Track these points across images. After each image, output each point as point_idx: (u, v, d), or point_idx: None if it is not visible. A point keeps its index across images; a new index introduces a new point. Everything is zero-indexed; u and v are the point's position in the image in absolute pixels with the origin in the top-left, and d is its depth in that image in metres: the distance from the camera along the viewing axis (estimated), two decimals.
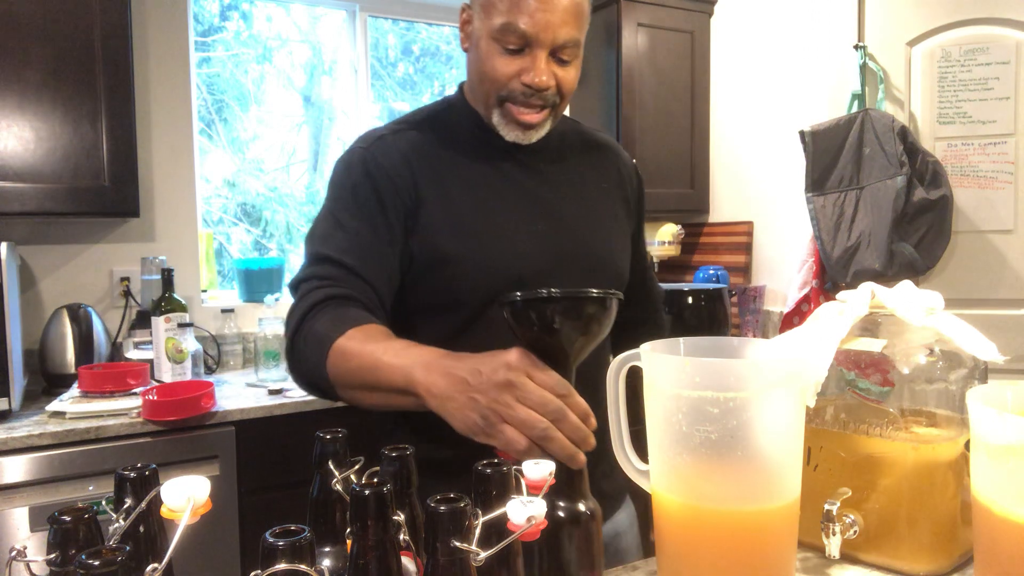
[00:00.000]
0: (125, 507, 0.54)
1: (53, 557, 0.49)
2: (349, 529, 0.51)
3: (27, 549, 0.50)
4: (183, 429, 1.82)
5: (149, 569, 0.47)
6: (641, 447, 0.79)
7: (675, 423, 0.69)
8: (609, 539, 1.15)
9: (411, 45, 3.18)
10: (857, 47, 2.37)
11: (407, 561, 0.59)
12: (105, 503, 1.66)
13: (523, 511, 0.53)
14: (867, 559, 0.85)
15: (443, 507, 0.49)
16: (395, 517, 0.52)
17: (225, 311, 2.49)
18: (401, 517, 0.55)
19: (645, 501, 1.21)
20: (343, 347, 0.89)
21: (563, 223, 1.10)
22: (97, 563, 0.42)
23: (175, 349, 2.06)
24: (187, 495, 0.51)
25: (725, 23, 2.93)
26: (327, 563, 0.64)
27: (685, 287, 2.58)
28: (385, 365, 0.84)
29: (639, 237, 1.28)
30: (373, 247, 1.02)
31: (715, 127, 2.99)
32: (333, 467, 0.65)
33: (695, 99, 2.94)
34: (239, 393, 2.08)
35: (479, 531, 0.52)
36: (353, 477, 0.64)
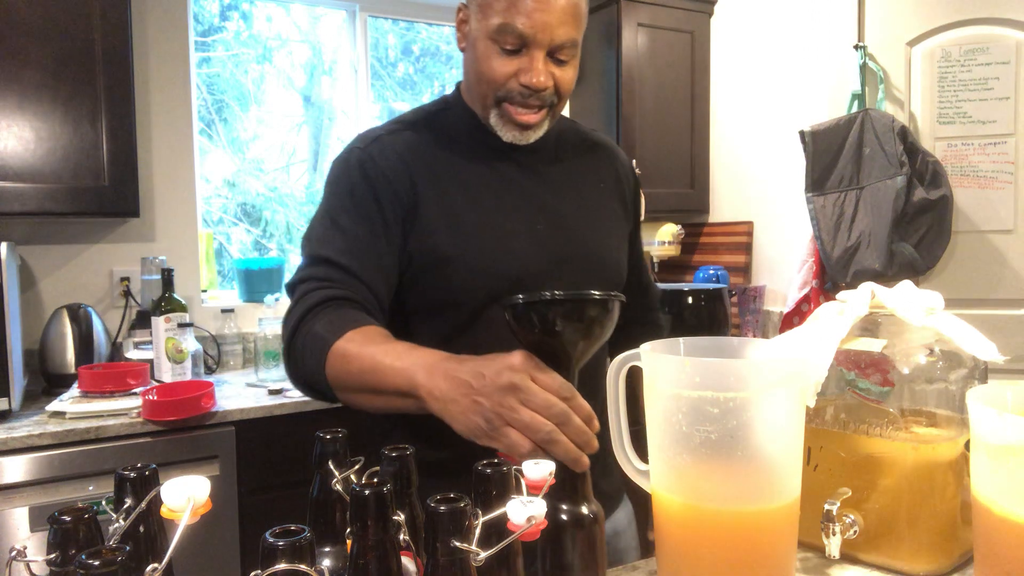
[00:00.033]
0: (125, 507, 0.54)
1: (53, 557, 0.49)
2: (349, 529, 0.51)
3: (27, 549, 0.50)
4: (183, 429, 1.82)
5: (149, 569, 0.47)
6: (641, 447, 0.79)
7: (675, 423, 0.69)
8: (608, 538, 1.15)
9: (411, 45, 3.18)
10: (857, 47, 2.37)
11: (407, 561, 0.59)
12: (105, 503, 1.66)
13: (523, 511, 0.53)
14: (867, 559, 0.85)
15: (443, 507, 0.49)
16: (395, 517, 0.52)
17: (225, 311, 2.49)
18: (401, 517, 0.55)
19: (643, 500, 1.22)
20: (342, 349, 0.89)
21: (561, 223, 1.10)
22: (97, 563, 0.42)
23: (175, 349, 2.06)
24: (187, 495, 0.51)
25: (725, 23, 2.93)
26: (327, 563, 0.64)
27: (685, 287, 2.58)
28: (386, 368, 0.84)
29: (636, 236, 1.28)
30: (371, 248, 1.02)
31: (715, 127, 2.99)
32: (333, 467, 0.65)
33: (695, 99, 2.94)
34: (239, 393, 2.08)
35: (479, 531, 0.52)
36: (353, 477, 0.64)
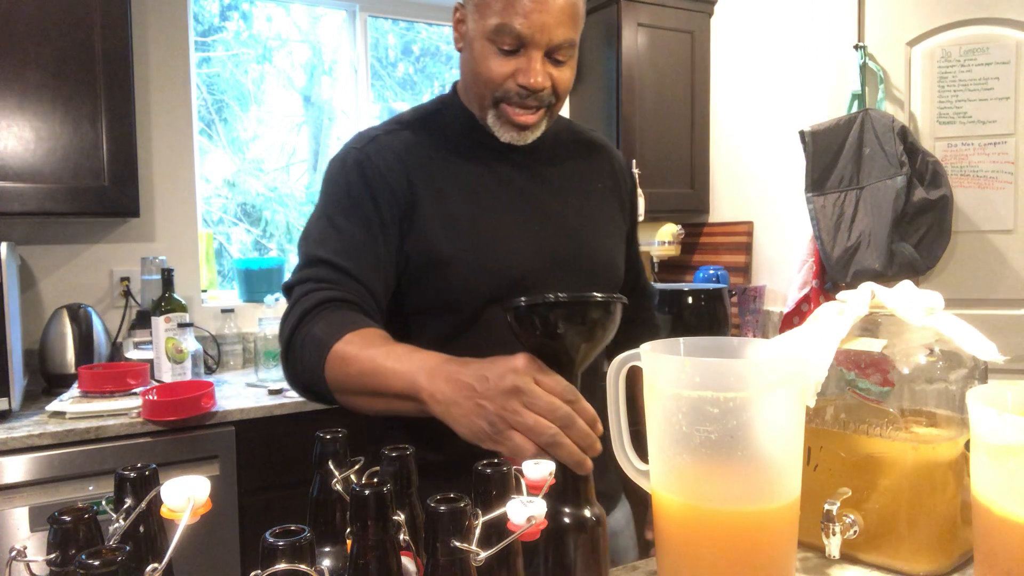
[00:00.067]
0: (125, 507, 0.54)
1: (53, 557, 0.48)
2: (349, 529, 0.51)
3: (27, 549, 0.50)
4: (183, 429, 1.82)
5: (149, 569, 0.47)
6: (640, 447, 0.79)
7: (675, 423, 0.69)
8: None
9: (411, 45, 3.18)
10: (857, 47, 2.37)
11: (407, 561, 0.59)
12: (105, 503, 1.66)
13: (523, 511, 0.53)
14: (867, 559, 0.85)
15: (443, 507, 0.49)
16: (395, 517, 0.52)
17: (225, 311, 2.49)
18: (401, 517, 0.55)
19: (640, 500, 1.22)
20: (342, 352, 0.88)
21: (558, 224, 1.10)
22: (97, 563, 0.42)
23: (175, 349, 2.06)
24: (187, 495, 0.51)
25: (725, 23, 2.93)
26: (327, 563, 0.63)
27: (685, 287, 2.58)
28: (386, 370, 0.83)
29: (632, 236, 1.28)
30: (368, 249, 1.01)
31: (715, 127, 2.99)
32: (333, 467, 0.65)
33: (695, 99, 2.94)
34: (239, 393, 2.08)
35: (479, 531, 0.52)
36: (353, 477, 0.64)
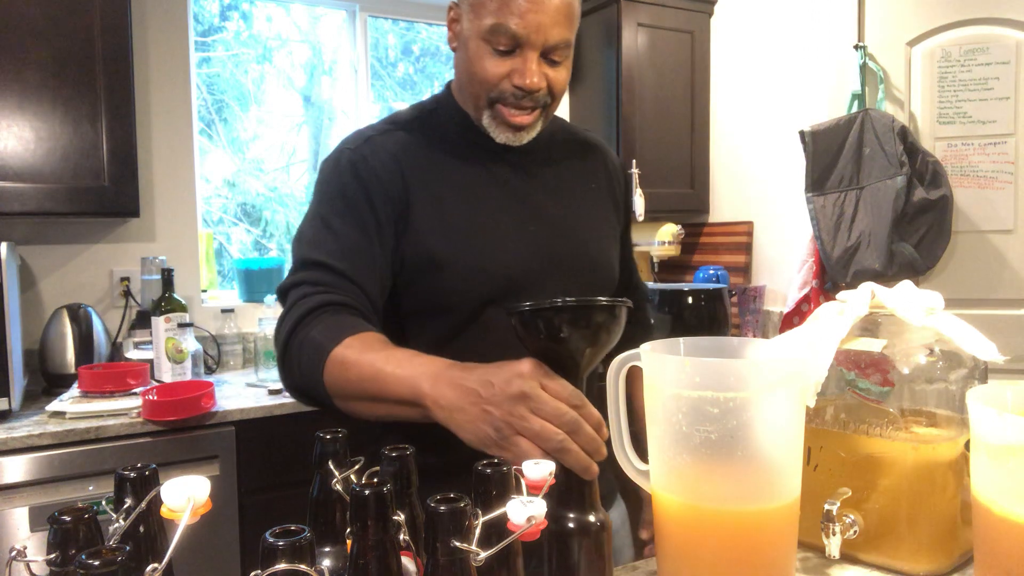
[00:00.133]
0: (125, 507, 0.54)
1: (53, 557, 0.48)
2: (349, 529, 0.51)
3: (27, 549, 0.50)
4: (183, 429, 1.82)
5: (149, 569, 0.47)
6: (640, 447, 0.79)
7: (675, 423, 0.69)
8: None
9: (411, 45, 3.18)
10: (857, 47, 2.37)
11: (407, 561, 0.59)
12: (105, 503, 1.66)
13: (523, 511, 0.53)
14: (867, 559, 0.85)
15: (443, 507, 0.49)
16: (395, 517, 0.52)
17: (225, 311, 2.49)
18: (401, 517, 0.55)
19: (635, 500, 1.22)
20: (341, 357, 0.87)
21: (554, 224, 1.09)
22: (97, 563, 0.42)
23: (175, 349, 2.06)
24: (187, 495, 0.51)
25: (725, 23, 2.93)
26: (327, 563, 0.63)
27: (685, 287, 2.58)
28: (388, 375, 0.82)
29: (626, 236, 1.28)
30: (364, 251, 1.00)
31: (715, 127, 2.99)
32: (333, 467, 0.65)
33: (695, 99, 2.94)
34: (239, 393, 2.08)
35: (479, 531, 0.52)
36: (353, 477, 0.64)
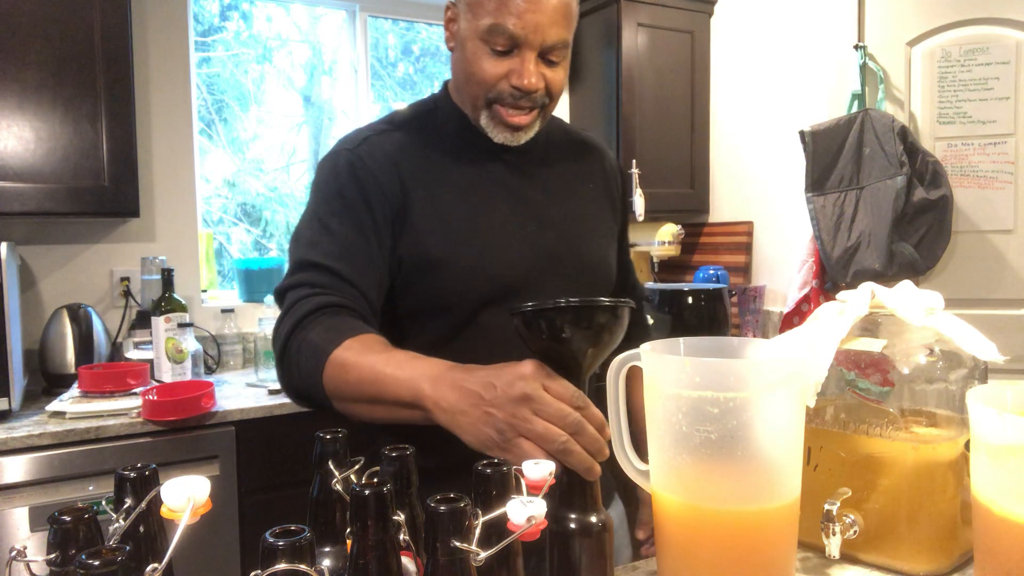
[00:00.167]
0: (125, 507, 0.54)
1: (53, 557, 0.48)
2: (349, 529, 0.51)
3: (27, 549, 0.50)
4: (183, 429, 1.82)
5: (149, 569, 0.47)
6: (640, 447, 0.79)
7: (675, 423, 0.69)
8: None
9: (411, 45, 3.18)
10: (857, 47, 2.37)
11: (407, 561, 0.59)
12: (105, 503, 1.66)
13: (523, 511, 0.53)
14: (867, 559, 0.85)
15: (443, 507, 0.49)
16: (395, 517, 0.52)
17: (225, 311, 2.49)
18: (401, 517, 0.55)
19: (633, 500, 1.22)
20: (340, 359, 0.86)
21: (552, 225, 1.09)
22: (97, 563, 0.42)
23: (175, 349, 2.06)
24: (187, 495, 0.51)
25: (725, 23, 2.93)
26: (327, 563, 0.63)
27: (685, 287, 2.58)
28: (388, 378, 0.82)
29: (623, 236, 1.28)
30: (362, 252, 0.99)
31: (715, 127, 2.99)
32: (333, 467, 0.65)
33: (695, 99, 2.94)
34: (239, 393, 2.08)
35: (479, 531, 0.52)
36: (353, 477, 0.64)
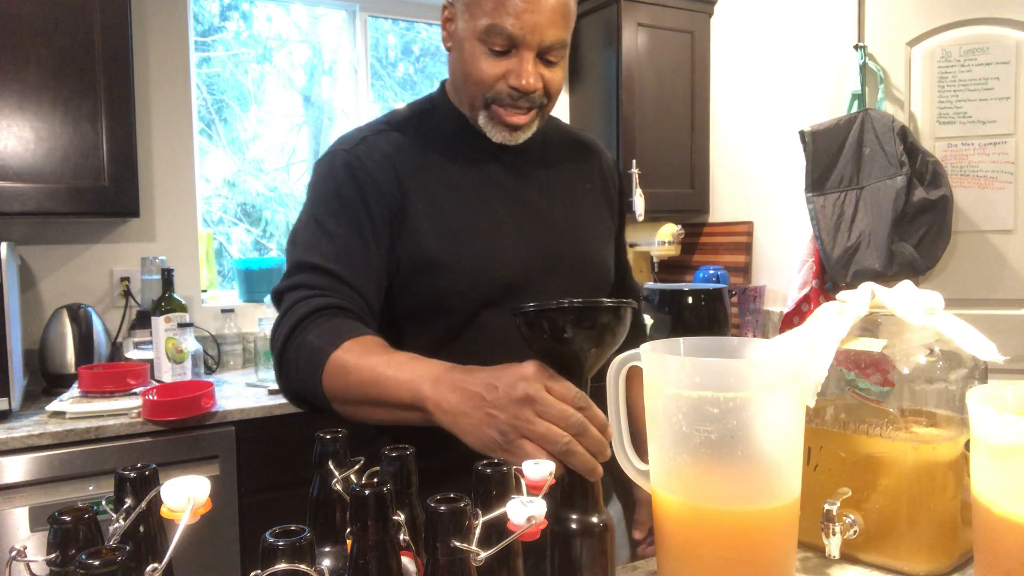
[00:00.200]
0: (125, 507, 0.54)
1: (53, 557, 0.48)
2: (349, 529, 0.51)
3: (27, 549, 0.50)
4: (183, 429, 1.82)
5: (149, 569, 0.47)
6: (639, 447, 0.79)
7: (675, 423, 0.69)
8: None
9: (411, 45, 3.18)
10: (857, 47, 2.37)
11: (407, 561, 0.59)
12: (105, 503, 1.66)
13: (523, 511, 0.53)
14: (867, 559, 0.85)
15: (443, 507, 0.49)
16: (395, 517, 0.52)
17: (225, 311, 2.49)
18: (401, 517, 0.55)
19: (630, 500, 1.22)
20: (340, 361, 0.86)
21: (550, 225, 1.09)
22: (97, 563, 0.42)
23: (175, 349, 2.06)
24: (187, 495, 0.51)
25: (725, 23, 2.93)
26: (327, 563, 0.63)
27: (685, 287, 2.58)
28: (388, 379, 0.81)
29: (620, 235, 1.28)
30: (360, 253, 0.99)
31: (715, 127, 2.99)
32: (333, 467, 0.65)
33: (695, 99, 2.94)
34: (239, 393, 2.08)
35: (479, 531, 0.52)
36: (353, 477, 0.64)
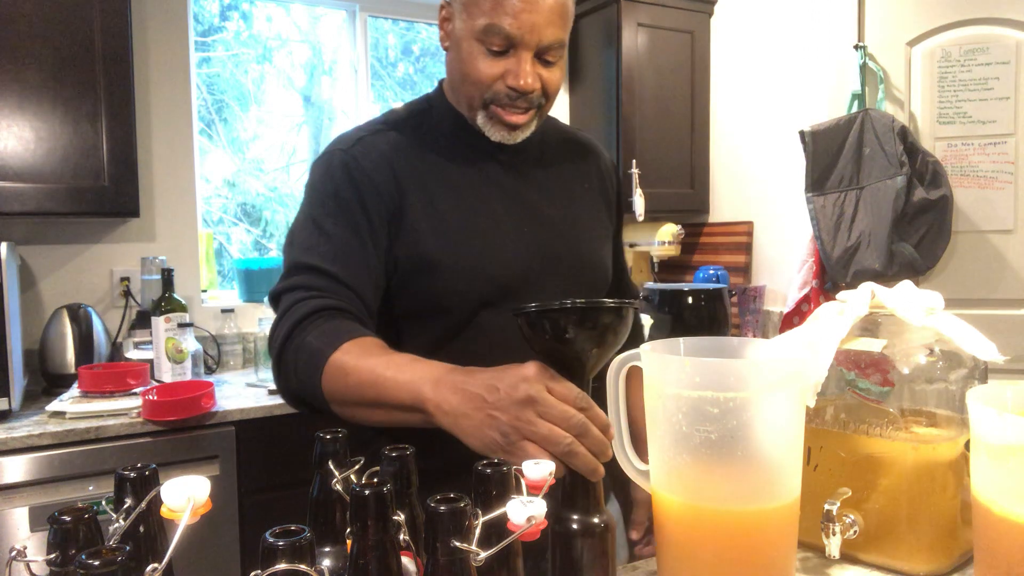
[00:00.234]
0: (125, 507, 0.54)
1: (53, 557, 0.48)
2: (349, 529, 0.51)
3: (27, 549, 0.50)
4: (183, 429, 1.82)
5: (149, 569, 0.47)
6: (639, 447, 0.79)
7: (675, 423, 0.69)
8: None
9: (411, 45, 3.18)
10: (857, 47, 2.37)
11: (407, 561, 0.59)
12: (105, 503, 1.66)
13: (523, 511, 0.53)
14: (867, 559, 0.85)
15: (443, 507, 0.49)
16: (395, 517, 0.52)
17: (225, 311, 2.49)
18: (401, 517, 0.55)
19: (628, 500, 1.22)
20: (339, 362, 0.86)
21: (548, 225, 1.09)
22: (97, 563, 0.42)
23: (175, 349, 2.06)
24: (187, 495, 0.51)
25: (725, 23, 2.93)
26: (327, 563, 0.63)
27: (685, 287, 2.58)
28: (388, 381, 0.81)
29: (618, 235, 1.28)
30: (358, 254, 0.99)
31: (715, 127, 2.99)
32: (333, 467, 0.65)
33: (695, 99, 2.94)
34: (239, 393, 2.08)
35: (479, 531, 0.52)
36: (353, 477, 0.64)
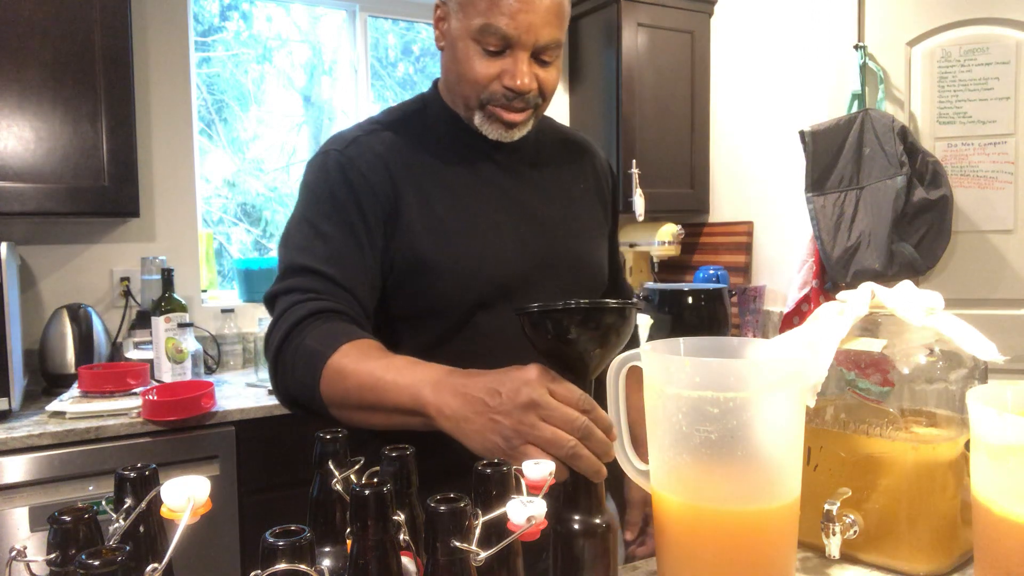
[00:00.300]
0: (125, 507, 0.54)
1: (53, 557, 0.48)
2: (349, 529, 0.51)
3: (27, 549, 0.50)
4: (183, 429, 1.82)
5: (149, 569, 0.47)
6: (640, 447, 0.79)
7: (675, 423, 0.69)
8: None
9: (411, 45, 3.17)
10: (857, 47, 2.37)
11: (407, 561, 0.59)
12: (105, 503, 1.66)
13: (523, 511, 0.53)
14: (867, 559, 0.85)
15: (443, 507, 0.49)
16: (395, 517, 0.52)
17: (225, 311, 2.49)
18: (401, 517, 0.55)
19: (619, 501, 1.22)
20: (338, 365, 0.85)
21: (544, 225, 1.09)
22: (97, 563, 0.42)
23: (175, 349, 2.06)
24: (187, 495, 0.51)
25: (725, 23, 2.93)
26: (327, 563, 0.63)
27: (685, 287, 2.58)
28: (388, 384, 0.81)
29: (613, 235, 1.27)
30: (354, 255, 0.98)
31: (715, 127, 2.99)
32: (333, 467, 0.65)
33: (695, 99, 2.94)
34: (239, 393, 2.08)
35: (479, 531, 0.52)
36: (353, 477, 0.64)
